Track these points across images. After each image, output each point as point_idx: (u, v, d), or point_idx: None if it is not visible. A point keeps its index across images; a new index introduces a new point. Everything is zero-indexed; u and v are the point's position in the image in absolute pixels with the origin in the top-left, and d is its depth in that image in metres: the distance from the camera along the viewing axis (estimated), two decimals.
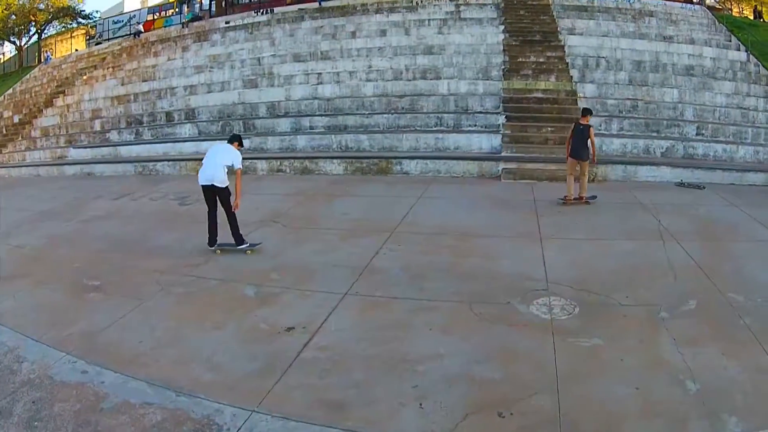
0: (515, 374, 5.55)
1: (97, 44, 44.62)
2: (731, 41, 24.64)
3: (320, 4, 32.36)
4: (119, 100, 25.97)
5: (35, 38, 52.44)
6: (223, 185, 9.47)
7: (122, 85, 27.66)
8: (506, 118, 17.81)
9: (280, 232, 10.73)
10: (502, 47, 22.32)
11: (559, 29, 23.85)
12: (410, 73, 21.68)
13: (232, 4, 43.25)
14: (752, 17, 38.67)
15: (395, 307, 7.15)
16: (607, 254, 9.05)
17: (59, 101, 29.13)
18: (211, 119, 22.14)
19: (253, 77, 23.89)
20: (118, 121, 24.30)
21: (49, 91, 31.19)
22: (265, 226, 11.07)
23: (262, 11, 34.32)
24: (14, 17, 48.72)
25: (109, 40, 45.25)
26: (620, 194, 13.24)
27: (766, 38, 25.16)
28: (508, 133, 17.09)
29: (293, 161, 17.35)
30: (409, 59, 22.58)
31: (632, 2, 28.27)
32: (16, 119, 29.09)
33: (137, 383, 5.39)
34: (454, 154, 16.97)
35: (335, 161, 16.97)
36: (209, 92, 23.84)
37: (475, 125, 18.48)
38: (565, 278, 7.94)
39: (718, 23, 27.15)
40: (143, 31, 39.66)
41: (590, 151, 12.24)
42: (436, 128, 18.59)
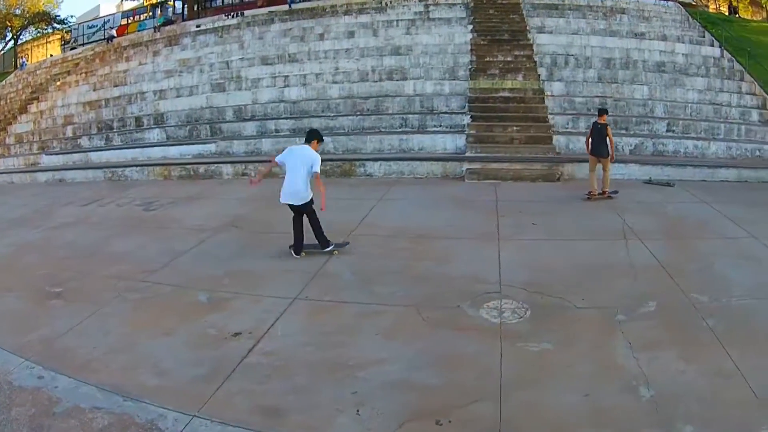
0: (457, 381, 5.45)
1: (72, 49, 44.20)
2: (705, 37, 24.68)
3: (290, 6, 32.11)
4: (91, 105, 25.65)
5: (11, 44, 52.09)
6: (306, 200, 9.08)
7: (94, 90, 27.33)
8: (471, 117, 17.66)
9: (237, 237, 10.60)
10: (469, 47, 22.18)
11: (528, 28, 23.75)
12: (376, 74, 21.49)
13: (204, 7, 42.95)
14: (727, 13, 38.94)
15: (343, 311, 7.10)
16: (565, 255, 8.88)
17: (33, 107, 28.77)
18: (179, 124, 21.82)
19: (221, 81, 23.62)
20: (89, 126, 23.94)
21: (23, 97, 30.85)
22: (223, 231, 10.96)
23: (233, 14, 33.96)
24: None
25: (83, 45, 44.78)
26: (585, 193, 12.93)
27: (740, 34, 25.34)
28: (473, 133, 16.93)
29: (258, 165, 16.94)
30: (376, 60, 22.42)
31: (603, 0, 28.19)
32: None
33: (88, 388, 5.47)
34: (418, 155, 16.77)
35: None
36: (178, 97, 23.56)
37: (440, 126, 18.29)
38: (519, 280, 7.76)
39: (691, 19, 27.22)
40: (116, 36, 39.21)
41: (609, 147, 12.56)
42: (400, 129, 18.39)
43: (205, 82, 24.04)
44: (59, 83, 30.51)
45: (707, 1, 43.79)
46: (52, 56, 43.51)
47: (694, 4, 35.53)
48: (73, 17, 56.13)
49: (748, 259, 8.50)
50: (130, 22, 47.72)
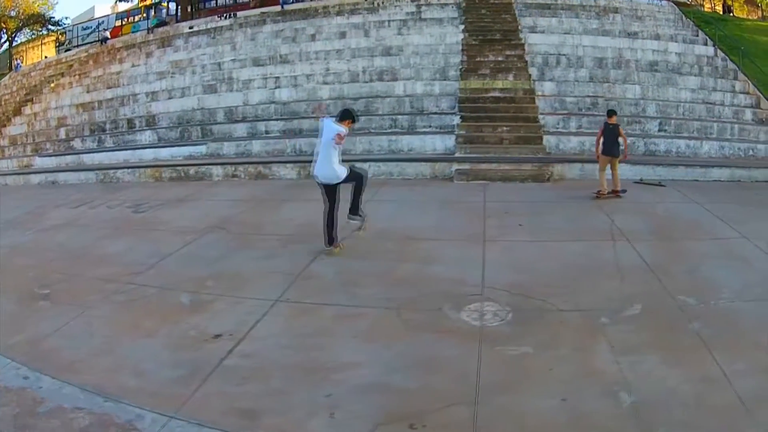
0: (434, 384, 5.38)
1: (66, 51, 44.07)
2: (698, 36, 24.56)
3: (283, 7, 31.98)
4: (84, 107, 25.58)
5: (6, 46, 52.08)
6: (343, 176, 8.98)
7: (87, 92, 27.27)
8: (461, 118, 17.55)
9: (224, 238, 10.52)
10: (461, 47, 22.03)
11: (520, 27, 23.62)
12: (367, 75, 21.37)
13: (198, 9, 42.85)
14: (722, 12, 38.86)
15: (324, 313, 7.05)
16: (551, 256, 8.77)
17: (27, 109, 28.73)
18: (170, 125, 21.72)
19: (212, 82, 23.51)
20: (82, 128, 23.87)
21: (18, 99, 30.80)
22: (209, 232, 10.87)
23: (225, 15, 33.85)
24: None
25: (78, 46, 44.71)
26: (575, 193, 13.00)
27: (734, 32, 25.23)
28: (462, 133, 16.83)
29: (248, 166, 16.99)
30: (366, 61, 22.31)
31: None
32: None
33: (71, 389, 5.53)
34: (407, 156, 16.66)
35: (288, 166, 16.61)
36: (170, 98, 23.47)
37: (429, 126, 18.19)
38: (503, 282, 7.66)
39: (685, 18, 27.09)
40: (109, 37, 39.10)
41: (622, 146, 12.73)
42: (390, 130, 18.26)
43: (196, 83, 23.92)
44: (53, 85, 30.41)
45: (702, 0, 43.69)
46: (46, 58, 43.46)
47: (688, 3, 35.47)
48: (67, 19, 56.11)
49: (737, 260, 8.39)
50: (124, 23, 47.68)
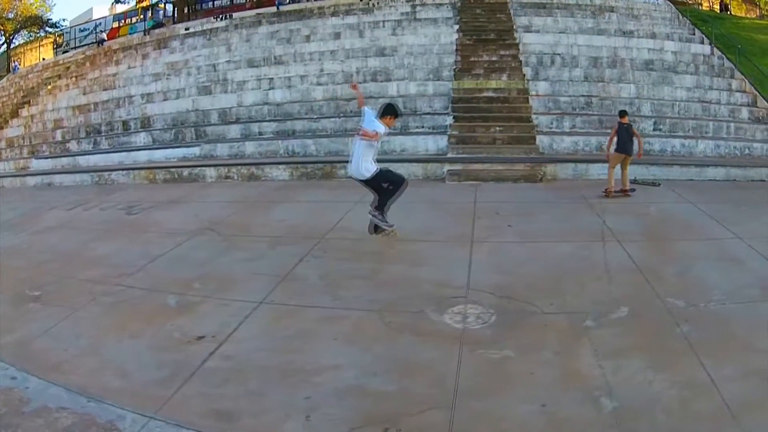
0: (411, 388, 5.29)
1: (64, 52, 44.15)
2: (695, 34, 24.57)
3: (278, 8, 32.05)
4: (80, 109, 25.69)
5: (4, 48, 52.14)
6: (368, 175, 8.97)
7: (84, 94, 27.36)
8: (454, 118, 17.51)
9: (213, 240, 10.45)
10: (455, 47, 22.04)
11: (515, 27, 23.60)
12: (361, 75, 21.34)
13: (194, 10, 42.84)
14: (719, 10, 38.73)
15: (307, 315, 6.97)
16: (539, 258, 8.63)
17: (24, 112, 28.85)
18: (165, 127, 21.82)
19: (207, 84, 23.55)
20: (78, 131, 24.00)
21: (15, 101, 30.93)
22: (199, 234, 10.80)
23: (221, 17, 33.86)
24: None
25: (75, 48, 44.76)
26: (567, 193, 12.93)
27: (732, 31, 25.18)
28: (455, 133, 16.79)
29: (241, 168, 16.96)
30: (361, 62, 22.33)
31: None
32: None
33: (57, 389, 5.56)
34: (399, 156, 16.57)
35: (281, 167, 16.59)
36: (165, 100, 23.57)
37: (422, 127, 18.19)
38: (488, 284, 7.53)
39: (681, 17, 27.08)
40: (106, 39, 39.12)
41: (636, 145, 12.87)
42: None
43: (191, 85, 23.99)
44: (50, 87, 30.55)
45: None
46: (44, 60, 43.58)
47: (685, 1, 35.38)
48: (65, 20, 56.24)
49: (730, 261, 8.25)
50: (121, 25, 47.70)
